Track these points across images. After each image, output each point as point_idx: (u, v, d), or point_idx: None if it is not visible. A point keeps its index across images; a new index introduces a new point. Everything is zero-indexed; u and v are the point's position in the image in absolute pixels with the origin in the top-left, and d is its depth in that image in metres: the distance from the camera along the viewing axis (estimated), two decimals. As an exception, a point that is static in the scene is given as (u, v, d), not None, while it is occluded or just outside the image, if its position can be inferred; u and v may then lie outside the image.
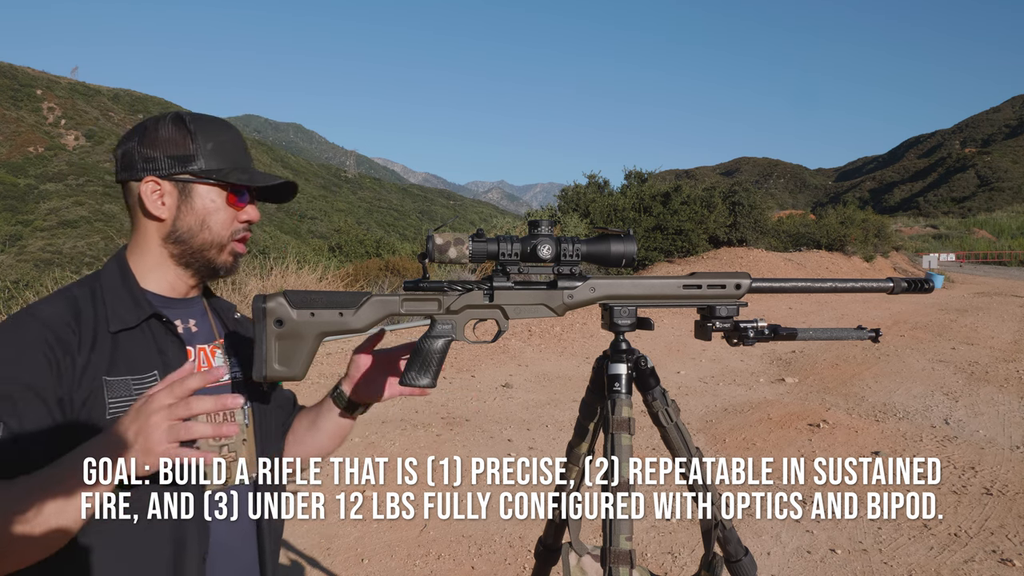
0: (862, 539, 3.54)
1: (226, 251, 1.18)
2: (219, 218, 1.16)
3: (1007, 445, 5.05)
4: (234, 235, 1.19)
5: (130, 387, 1.06)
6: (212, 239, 1.16)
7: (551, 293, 1.25)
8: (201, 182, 1.14)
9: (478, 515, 3.79)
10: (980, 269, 31.93)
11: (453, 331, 1.24)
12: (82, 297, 1.09)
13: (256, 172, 1.20)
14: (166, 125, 1.14)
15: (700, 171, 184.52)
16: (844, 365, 7.83)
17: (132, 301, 1.11)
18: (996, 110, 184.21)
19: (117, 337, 1.08)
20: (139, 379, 1.07)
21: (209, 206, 1.15)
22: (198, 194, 1.15)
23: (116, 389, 1.04)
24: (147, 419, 0.90)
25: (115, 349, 1.07)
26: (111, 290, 1.11)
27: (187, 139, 1.13)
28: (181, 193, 1.14)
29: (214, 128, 1.17)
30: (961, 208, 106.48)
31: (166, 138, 1.13)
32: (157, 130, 1.14)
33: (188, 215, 1.14)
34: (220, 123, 1.19)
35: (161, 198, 1.13)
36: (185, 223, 1.14)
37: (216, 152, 1.15)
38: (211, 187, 1.15)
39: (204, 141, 1.14)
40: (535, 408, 6.08)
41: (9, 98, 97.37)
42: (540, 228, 1.23)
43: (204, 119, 1.17)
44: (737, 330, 1.29)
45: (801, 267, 19.65)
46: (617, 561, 1.22)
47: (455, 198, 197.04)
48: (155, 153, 1.12)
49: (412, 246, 19.75)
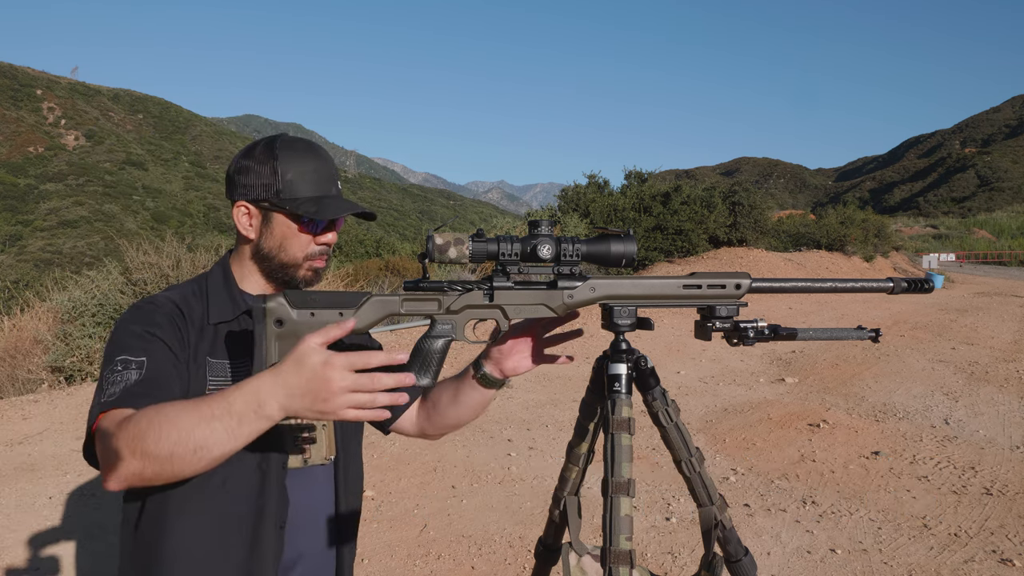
0: (862, 539, 3.54)
1: (304, 268, 1.29)
2: (295, 243, 1.27)
3: (1007, 445, 5.05)
4: (310, 257, 1.29)
5: (227, 369, 1.21)
6: (289, 260, 1.28)
7: (551, 293, 1.25)
8: (277, 211, 1.26)
9: (478, 515, 3.79)
10: (980, 269, 31.94)
11: (453, 331, 1.24)
12: (192, 293, 1.26)
13: (328, 203, 1.26)
14: (259, 151, 1.26)
15: (700, 171, 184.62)
16: (844, 365, 7.83)
17: (231, 299, 1.27)
18: (996, 110, 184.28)
19: (217, 328, 1.24)
20: (235, 363, 1.22)
21: (286, 231, 1.27)
22: (277, 221, 1.26)
23: (216, 369, 1.20)
24: (329, 380, 0.96)
25: (216, 337, 1.23)
26: (216, 290, 1.28)
27: (271, 167, 1.24)
28: (264, 217, 1.27)
29: (298, 156, 1.26)
30: (961, 208, 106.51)
31: (256, 166, 1.25)
32: (253, 155, 1.26)
33: (269, 238, 1.27)
34: (307, 149, 1.28)
35: (249, 221, 1.27)
36: (267, 244, 1.27)
37: (296, 181, 1.25)
38: (286, 216, 1.26)
39: (284, 171, 1.24)
40: (535, 408, 6.08)
41: (9, 98, 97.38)
42: (540, 228, 1.23)
43: (294, 146, 1.27)
44: (737, 330, 1.29)
45: (801, 267, 19.65)
46: (617, 561, 1.22)
47: (455, 198, 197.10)
48: (247, 179, 1.26)
49: (412, 246, 19.76)
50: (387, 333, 8.58)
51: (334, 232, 1.31)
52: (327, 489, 1.33)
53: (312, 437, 1.28)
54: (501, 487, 4.20)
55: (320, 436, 1.29)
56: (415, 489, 4.14)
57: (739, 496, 4.10)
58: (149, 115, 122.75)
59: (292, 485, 1.24)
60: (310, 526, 1.29)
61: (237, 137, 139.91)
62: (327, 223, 1.29)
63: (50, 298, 7.82)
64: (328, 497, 1.33)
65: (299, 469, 1.26)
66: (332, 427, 1.32)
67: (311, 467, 1.28)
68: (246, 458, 1.17)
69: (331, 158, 1.33)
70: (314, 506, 1.30)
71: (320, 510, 1.32)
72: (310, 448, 1.27)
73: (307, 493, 1.28)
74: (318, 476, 1.31)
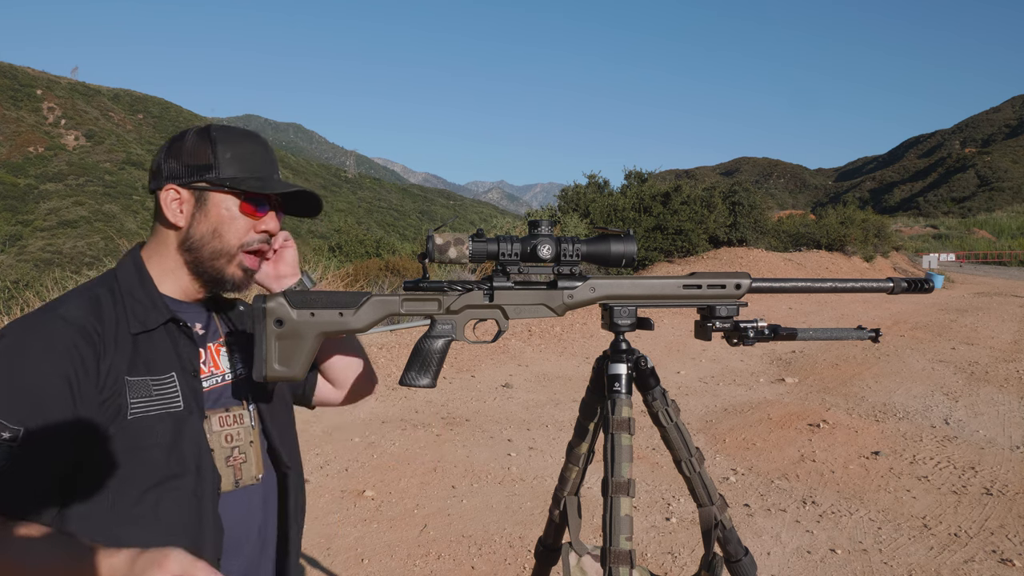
0: (862, 539, 3.54)
1: (235, 263, 1.18)
2: (232, 227, 1.17)
3: (1007, 445, 5.05)
4: (246, 246, 1.18)
5: (149, 387, 1.07)
6: (222, 248, 1.16)
7: (551, 293, 1.25)
8: (216, 190, 1.15)
9: (478, 515, 3.79)
10: (980, 269, 31.94)
11: (453, 331, 1.24)
12: (104, 297, 1.11)
13: (274, 180, 1.19)
14: (191, 136, 1.17)
15: (700, 171, 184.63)
16: (844, 365, 7.83)
17: (151, 304, 1.13)
18: (996, 110, 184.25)
19: (137, 338, 1.10)
20: (158, 379, 1.09)
21: (224, 214, 1.16)
22: (213, 202, 1.16)
23: (137, 389, 1.06)
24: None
25: (135, 350, 1.08)
26: (130, 292, 1.13)
27: (207, 148, 1.15)
28: (198, 201, 1.15)
29: (237, 138, 1.18)
30: (961, 208, 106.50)
31: (189, 148, 1.15)
32: (183, 141, 1.16)
33: (202, 223, 1.15)
34: (245, 134, 1.21)
35: (180, 206, 1.15)
36: (199, 231, 1.15)
37: (235, 161, 1.16)
38: (226, 195, 1.16)
39: (224, 150, 1.15)
40: (535, 408, 6.08)
41: (9, 98, 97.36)
42: (540, 228, 1.23)
43: (230, 130, 1.19)
44: (737, 330, 1.29)
45: (801, 267, 19.65)
46: (617, 561, 1.22)
47: (455, 198, 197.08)
48: (177, 163, 1.15)
49: (412, 246, 19.76)
50: (387, 333, 8.58)
51: (276, 221, 1.22)
52: (260, 510, 1.21)
53: (243, 455, 1.19)
54: (501, 487, 4.20)
55: (248, 454, 1.20)
56: (415, 489, 4.14)
57: (739, 496, 4.10)
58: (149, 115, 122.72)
59: (223, 510, 1.13)
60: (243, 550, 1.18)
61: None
62: (270, 206, 1.20)
63: (50, 298, 7.82)
64: (261, 518, 1.22)
65: (230, 492, 1.15)
66: (259, 444, 1.22)
67: (242, 488, 1.18)
68: (180, 485, 1.07)
69: (271, 147, 1.24)
70: (247, 530, 1.19)
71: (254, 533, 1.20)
72: (241, 468, 1.18)
73: (239, 517, 1.17)
74: (250, 498, 1.19)
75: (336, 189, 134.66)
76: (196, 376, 1.14)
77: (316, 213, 1.28)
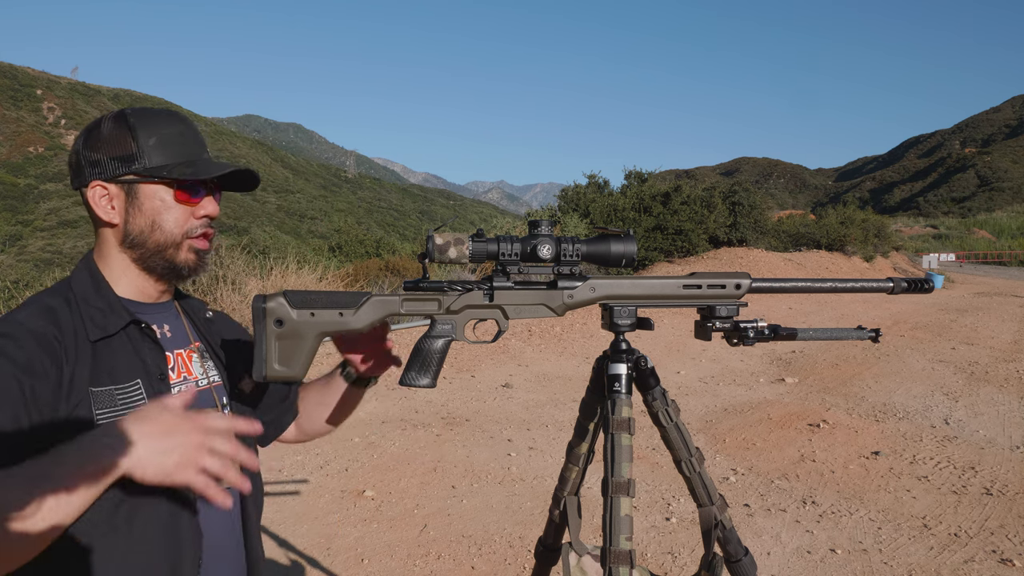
0: (862, 539, 3.54)
1: (184, 249, 1.12)
2: (170, 217, 1.10)
3: (1007, 445, 5.05)
4: (190, 232, 1.12)
5: (114, 397, 1.02)
6: (165, 239, 1.10)
7: (551, 293, 1.25)
8: (145, 181, 1.09)
9: (478, 515, 3.79)
10: (980, 269, 31.93)
11: (453, 331, 1.24)
12: (59, 307, 1.04)
13: (204, 163, 1.12)
14: (107, 124, 1.09)
15: (700, 171, 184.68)
16: (844, 365, 7.83)
17: (108, 308, 1.07)
18: (996, 110, 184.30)
19: (96, 346, 1.04)
20: (122, 388, 1.03)
21: (158, 205, 1.09)
22: (145, 194, 1.09)
23: (101, 400, 1.00)
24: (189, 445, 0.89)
25: (95, 359, 1.03)
26: (85, 298, 1.07)
27: (127, 137, 1.08)
28: (128, 195, 1.09)
29: (157, 121, 1.11)
30: (961, 208, 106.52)
31: (108, 138, 1.08)
32: (100, 131, 1.09)
33: (138, 217, 1.09)
34: (165, 115, 1.13)
35: (111, 202, 1.09)
36: (136, 226, 1.09)
37: (161, 146, 1.09)
38: (157, 185, 1.09)
39: (146, 137, 1.08)
40: (535, 408, 6.08)
41: (9, 98, 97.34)
42: (540, 228, 1.23)
43: (147, 113, 1.11)
44: (737, 330, 1.29)
45: (801, 267, 19.65)
46: (617, 561, 1.22)
47: (455, 198, 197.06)
48: (98, 156, 1.08)
49: (412, 246, 19.76)
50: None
51: (215, 203, 1.15)
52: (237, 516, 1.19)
53: None
54: (501, 487, 4.20)
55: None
56: (415, 489, 4.14)
57: (739, 496, 4.10)
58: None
59: (204, 518, 1.10)
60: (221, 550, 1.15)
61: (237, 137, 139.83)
62: (206, 190, 1.13)
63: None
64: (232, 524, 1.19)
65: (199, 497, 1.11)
66: None
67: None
68: (155, 495, 1.01)
69: (195, 124, 1.16)
70: (229, 535, 1.17)
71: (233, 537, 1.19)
72: None
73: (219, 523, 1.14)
74: None
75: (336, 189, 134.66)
76: (164, 380, 1.10)
77: (253, 187, 1.21)
